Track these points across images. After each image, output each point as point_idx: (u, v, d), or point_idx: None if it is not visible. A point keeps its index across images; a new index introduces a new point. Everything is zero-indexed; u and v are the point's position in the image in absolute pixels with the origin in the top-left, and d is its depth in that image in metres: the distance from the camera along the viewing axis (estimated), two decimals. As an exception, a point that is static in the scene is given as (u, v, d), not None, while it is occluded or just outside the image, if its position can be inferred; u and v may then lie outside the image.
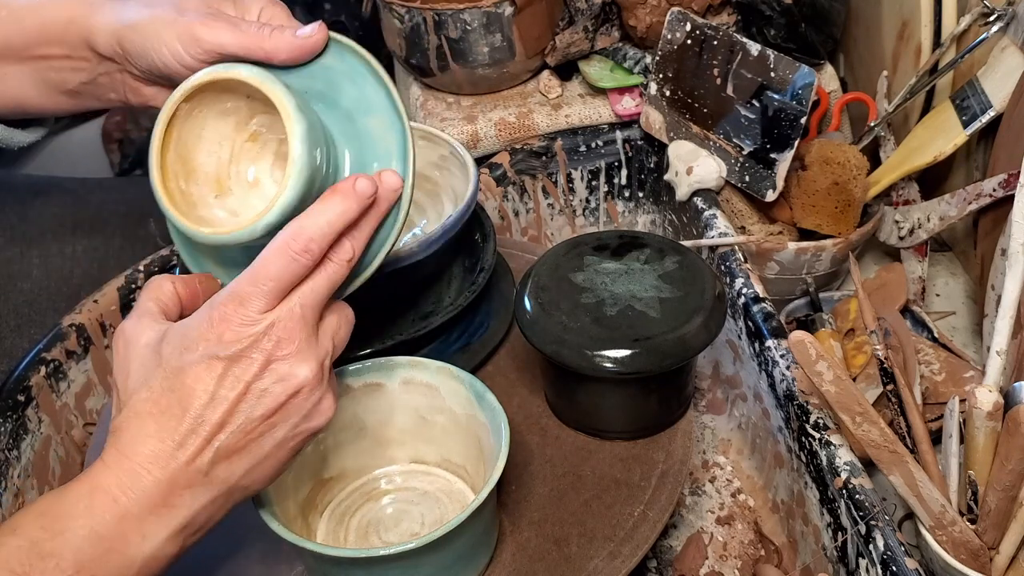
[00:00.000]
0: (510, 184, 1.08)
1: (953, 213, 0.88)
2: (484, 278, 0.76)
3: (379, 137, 0.59)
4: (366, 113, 0.60)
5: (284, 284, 0.52)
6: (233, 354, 0.51)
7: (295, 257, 0.52)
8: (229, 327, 0.51)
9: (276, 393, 0.52)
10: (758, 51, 0.91)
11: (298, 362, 0.52)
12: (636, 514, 0.65)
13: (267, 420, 0.52)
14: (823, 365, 0.62)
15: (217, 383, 0.51)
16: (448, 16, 1.02)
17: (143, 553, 0.50)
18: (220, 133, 0.60)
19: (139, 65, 0.62)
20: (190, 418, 0.50)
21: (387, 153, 0.59)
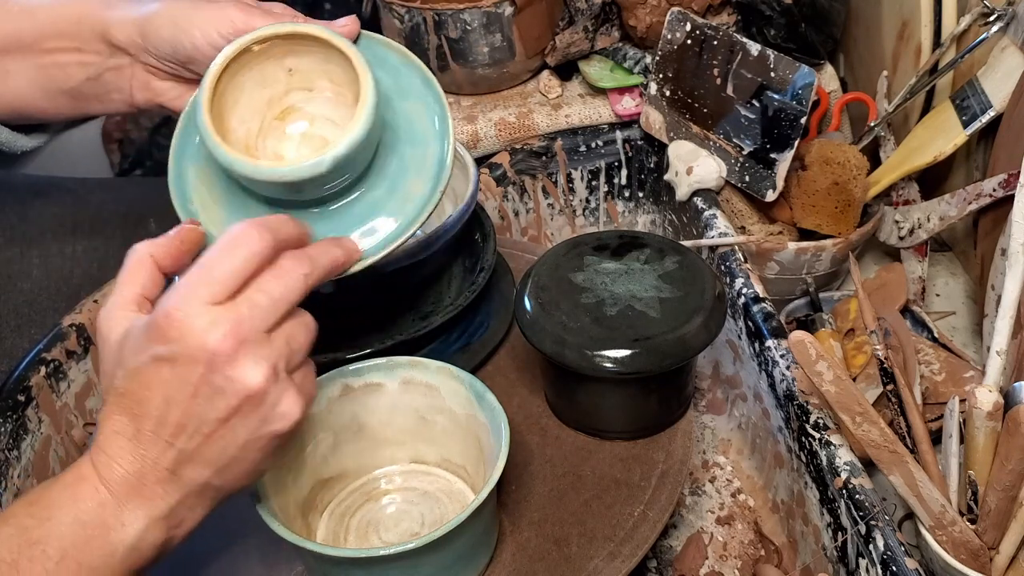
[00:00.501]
0: (510, 184, 1.08)
1: (953, 213, 0.88)
2: (484, 278, 0.76)
3: (418, 119, 0.62)
4: (403, 98, 0.62)
5: (232, 279, 0.50)
6: (177, 353, 0.49)
7: (246, 242, 0.50)
8: (171, 326, 0.49)
9: (227, 394, 0.50)
10: (758, 51, 0.91)
11: (247, 364, 0.50)
12: (636, 514, 0.65)
13: (225, 423, 0.50)
14: (823, 365, 0.62)
15: (167, 385, 0.49)
16: (448, 16, 1.02)
17: (125, 541, 0.50)
18: (254, 105, 0.60)
19: (161, 51, 0.63)
20: (149, 420, 0.50)
21: (426, 133, 0.62)
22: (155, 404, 0.49)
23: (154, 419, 0.50)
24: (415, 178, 0.61)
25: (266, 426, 0.51)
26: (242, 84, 0.59)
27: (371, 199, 0.61)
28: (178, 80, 0.67)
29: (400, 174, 0.62)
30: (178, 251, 0.55)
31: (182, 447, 0.50)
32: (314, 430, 0.65)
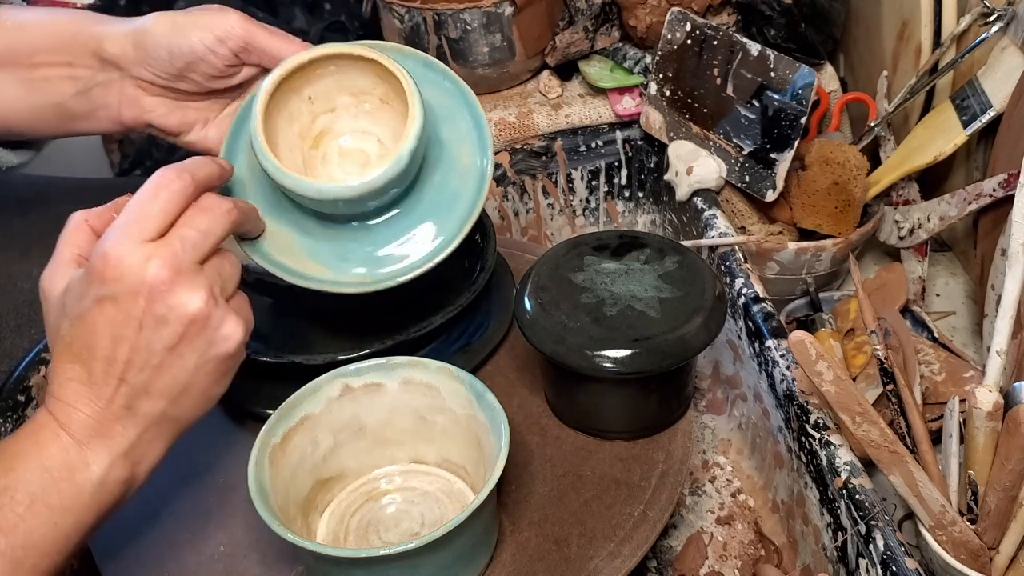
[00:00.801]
0: (510, 184, 1.08)
1: (953, 213, 0.88)
2: (484, 278, 0.76)
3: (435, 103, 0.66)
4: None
5: (160, 217, 0.53)
6: (118, 291, 0.51)
7: (167, 184, 0.53)
8: (108, 266, 0.52)
9: (171, 323, 0.52)
10: (758, 51, 0.91)
11: (185, 292, 0.52)
12: (636, 514, 0.65)
13: (172, 351, 0.53)
14: (823, 365, 0.62)
15: (112, 323, 0.52)
16: (448, 16, 1.02)
17: (91, 479, 0.52)
18: (289, 141, 0.64)
19: (157, 57, 0.63)
20: (99, 361, 0.52)
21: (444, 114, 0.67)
22: (103, 345, 0.52)
23: (103, 359, 0.52)
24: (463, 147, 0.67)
25: (212, 348, 0.54)
26: (276, 127, 0.63)
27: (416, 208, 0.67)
28: (168, 96, 0.67)
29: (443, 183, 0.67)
30: (110, 219, 0.57)
31: (134, 382, 0.52)
32: (314, 430, 0.65)
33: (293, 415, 0.63)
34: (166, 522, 0.67)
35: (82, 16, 0.66)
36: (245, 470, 0.59)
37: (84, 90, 0.66)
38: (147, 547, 0.65)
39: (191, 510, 0.68)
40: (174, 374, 0.53)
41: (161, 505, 0.68)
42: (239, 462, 0.61)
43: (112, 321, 0.52)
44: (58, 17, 0.66)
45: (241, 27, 0.63)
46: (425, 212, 0.67)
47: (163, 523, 0.67)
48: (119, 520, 0.66)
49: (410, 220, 0.67)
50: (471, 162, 0.68)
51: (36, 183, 0.93)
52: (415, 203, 0.67)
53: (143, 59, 0.63)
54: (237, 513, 0.67)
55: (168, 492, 0.69)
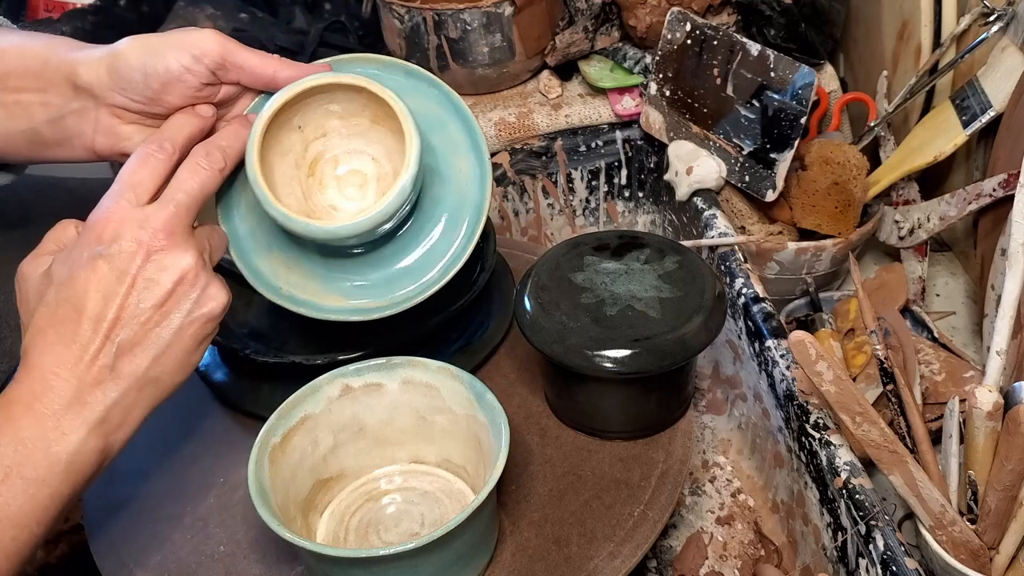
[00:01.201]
0: (510, 184, 1.08)
1: (953, 213, 0.88)
2: (484, 278, 0.76)
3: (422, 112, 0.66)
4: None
5: (150, 182, 0.56)
6: (114, 251, 0.54)
7: (152, 153, 0.57)
8: (107, 226, 0.54)
9: (162, 281, 0.54)
10: (758, 51, 0.91)
11: (178, 252, 0.55)
12: (636, 514, 0.65)
13: (159, 309, 0.55)
14: (823, 365, 0.62)
15: (104, 280, 0.53)
16: (448, 16, 1.02)
17: (67, 449, 0.52)
18: (286, 175, 0.65)
19: (132, 81, 0.62)
20: (87, 319, 0.53)
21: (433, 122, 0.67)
22: (93, 302, 0.53)
23: (92, 317, 0.53)
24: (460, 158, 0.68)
25: (198, 308, 0.56)
26: (271, 163, 0.64)
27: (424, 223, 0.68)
28: (144, 123, 0.65)
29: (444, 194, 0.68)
30: None
31: (121, 339, 0.54)
32: (314, 430, 0.65)
33: (293, 415, 0.63)
34: (166, 522, 0.67)
35: (57, 42, 0.65)
36: (245, 470, 0.59)
37: (57, 117, 0.65)
38: (147, 547, 0.65)
39: (191, 510, 0.68)
40: (159, 332, 0.55)
41: (161, 505, 0.68)
42: (239, 462, 0.61)
43: (105, 279, 0.53)
44: (33, 42, 0.66)
45: (217, 44, 0.62)
46: (432, 224, 0.68)
47: (163, 523, 0.67)
48: (119, 521, 0.67)
49: (419, 236, 0.68)
50: (468, 167, 0.68)
51: (36, 183, 0.93)
52: (421, 218, 0.68)
53: (117, 84, 0.62)
54: (237, 513, 0.67)
55: (168, 492, 0.69)
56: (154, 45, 0.62)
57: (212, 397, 0.76)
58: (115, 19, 1.40)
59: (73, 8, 1.37)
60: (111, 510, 0.68)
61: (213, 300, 0.57)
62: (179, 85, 0.62)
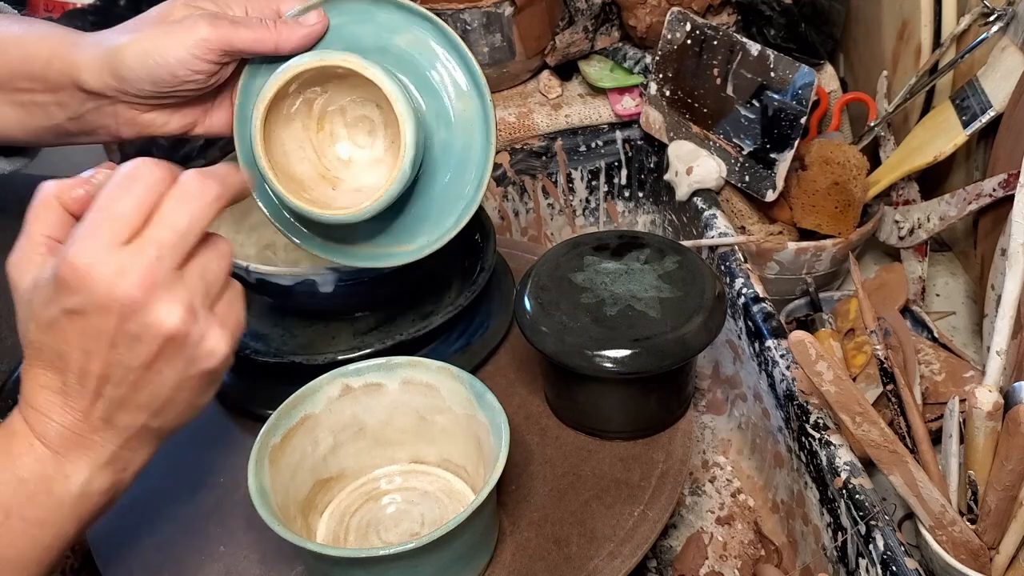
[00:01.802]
0: (510, 184, 1.08)
1: (953, 213, 0.88)
2: (484, 278, 0.76)
3: (415, 46, 0.65)
4: (392, 36, 0.65)
5: (134, 214, 0.47)
6: (87, 306, 0.46)
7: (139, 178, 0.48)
8: (76, 276, 0.46)
9: (147, 341, 0.47)
10: (758, 51, 0.91)
11: (161, 308, 0.47)
12: (636, 514, 0.65)
13: (149, 368, 0.48)
14: (823, 365, 0.62)
15: (83, 337, 0.47)
16: (448, 16, 1.02)
17: (71, 492, 0.49)
18: (295, 139, 0.65)
19: (140, 88, 0.62)
20: (72, 373, 0.48)
21: (429, 52, 0.65)
22: (74, 357, 0.48)
23: (76, 372, 0.48)
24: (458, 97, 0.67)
25: (194, 366, 0.49)
26: (275, 135, 0.63)
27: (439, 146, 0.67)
28: (163, 109, 0.65)
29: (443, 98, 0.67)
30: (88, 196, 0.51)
31: (111, 396, 0.49)
32: (314, 430, 0.65)
33: (293, 415, 0.63)
34: (166, 523, 0.67)
35: (56, 39, 0.64)
36: (245, 470, 0.59)
37: (76, 115, 0.64)
38: (147, 547, 0.65)
39: (191, 510, 0.68)
40: (153, 390, 0.49)
41: (161, 506, 0.68)
42: (239, 462, 0.61)
43: (83, 335, 0.47)
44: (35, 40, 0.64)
45: (214, 35, 0.61)
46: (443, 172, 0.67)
47: (163, 523, 0.67)
48: (119, 521, 0.67)
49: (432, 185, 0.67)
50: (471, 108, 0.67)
51: (36, 183, 0.93)
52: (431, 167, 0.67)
53: (124, 86, 0.62)
54: (237, 513, 0.67)
55: (168, 493, 0.69)
56: (153, 52, 0.61)
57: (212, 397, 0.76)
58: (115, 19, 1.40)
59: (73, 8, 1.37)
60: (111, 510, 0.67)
61: (211, 355, 0.49)
62: (189, 83, 0.62)
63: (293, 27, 0.63)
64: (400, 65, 0.65)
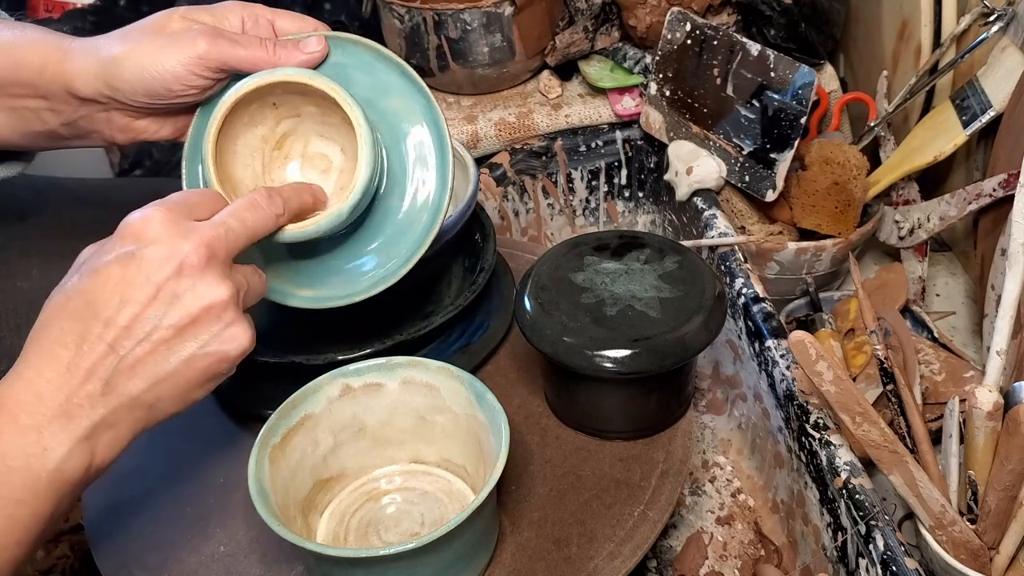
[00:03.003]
0: (510, 184, 1.08)
1: (953, 213, 0.88)
2: (484, 278, 0.76)
3: (402, 112, 0.64)
4: (384, 95, 0.64)
5: (210, 204, 0.54)
6: (148, 253, 0.49)
7: (201, 190, 0.56)
8: (147, 225, 0.50)
9: (187, 303, 0.50)
10: (758, 51, 0.91)
11: (214, 278, 0.51)
12: (636, 514, 0.65)
13: (177, 331, 0.50)
14: (823, 365, 0.62)
15: (126, 283, 0.49)
16: (448, 16, 1.02)
17: (47, 467, 0.48)
18: (250, 146, 0.63)
19: (134, 98, 0.62)
20: (97, 320, 0.49)
21: (413, 122, 0.65)
22: (108, 303, 0.49)
23: (103, 320, 0.49)
24: (419, 167, 0.65)
25: (215, 343, 0.51)
26: (235, 132, 0.62)
27: (383, 210, 0.65)
28: (156, 116, 0.66)
29: (404, 168, 0.65)
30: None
31: (123, 352, 0.49)
32: (314, 430, 0.65)
33: (293, 415, 0.63)
34: (166, 522, 0.67)
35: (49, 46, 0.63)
36: (245, 470, 0.59)
37: (69, 121, 0.65)
38: (147, 547, 0.65)
39: (191, 510, 0.68)
40: (166, 355, 0.50)
41: (161, 505, 0.68)
42: (239, 462, 0.61)
43: (127, 281, 0.49)
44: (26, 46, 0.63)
45: (212, 53, 0.61)
46: (374, 237, 0.66)
47: (163, 523, 0.67)
48: (119, 521, 0.67)
49: (352, 250, 0.66)
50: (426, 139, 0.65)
51: (35, 183, 0.93)
52: (363, 232, 0.66)
53: (118, 96, 0.62)
54: (237, 513, 0.67)
55: (168, 492, 0.69)
56: (148, 65, 0.60)
57: (212, 397, 0.76)
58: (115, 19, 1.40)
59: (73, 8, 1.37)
60: (111, 510, 0.68)
61: (235, 340, 0.52)
62: (182, 95, 0.62)
63: (291, 51, 0.62)
64: (380, 122, 0.65)
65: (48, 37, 0.64)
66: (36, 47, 0.63)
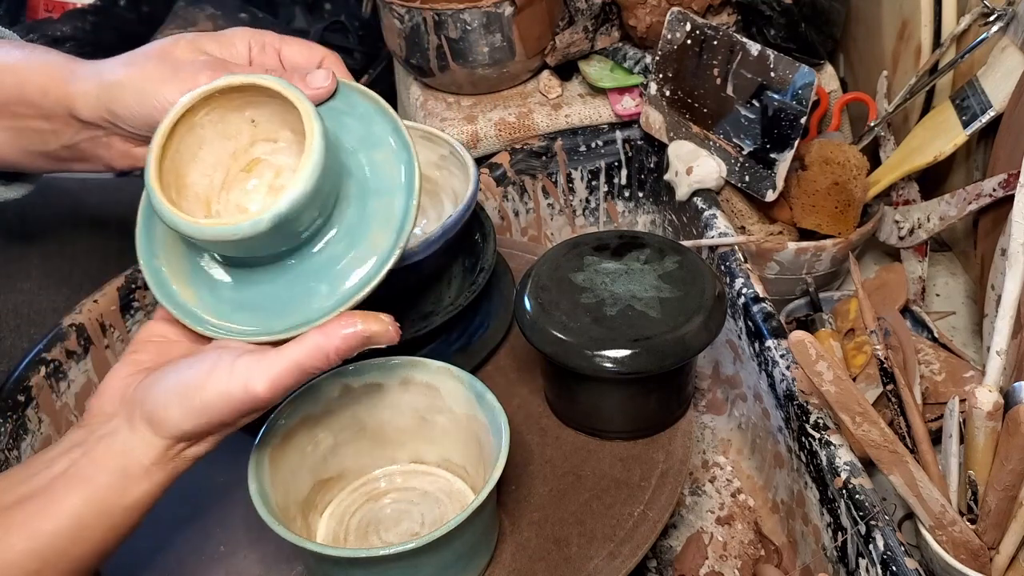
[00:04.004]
0: (510, 184, 1.08)
1: (953, 213, 0.88)
2: (484, 278, 0.76)
3: (384, 169, 0.59)
4: (371, 148, 0.60)
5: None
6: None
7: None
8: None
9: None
10: (758, 51, 0.91)
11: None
12: (636, 514, 0.65)
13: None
14: (823, 365, 0.62)
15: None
16: (448, 16, 1.02)
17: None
18: (217, 156, 0.59)
19: (133, 125, 0.61)
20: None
21: (391, 184, 0.59)
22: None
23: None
24: (379, 230, 0.58)
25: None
26: (202, 137, 0.58)
27: (330, 253, 0.58)
28: None
29: (362, 226, 0.58)
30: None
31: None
32: (314, 430, 0.65)
33: (293, 415, 0.63)
34: (166, 522, 0.67)
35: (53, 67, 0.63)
36: (245, 470, 0.59)
37: (70, 144, 0.65)
38: (147, 547, 0.65)
39: (191, 510, 0.68)
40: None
41: (161, 505, 0.68)
42: (239, 462, 0.61)
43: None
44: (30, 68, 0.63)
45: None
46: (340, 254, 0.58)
47: (163, 523, 0.67)
48: (119, 520, 0.67)
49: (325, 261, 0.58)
50: (398, 203, 0.59)
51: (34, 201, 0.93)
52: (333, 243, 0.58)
53: (119, 123, 0.61)
54: (237, 513, 0.67)
55: (168, 492, 0.69)
56: (149, 95, 0.59)
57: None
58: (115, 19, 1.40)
59: (73, 8, 1.37)
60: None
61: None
62: None
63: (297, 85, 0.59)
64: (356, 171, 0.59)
65: (54, 58, 0.64)
66: (42, 68, 0.63)
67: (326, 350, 0.54)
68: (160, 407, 0.53)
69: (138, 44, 0.65)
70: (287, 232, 0.55)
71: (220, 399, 0.53)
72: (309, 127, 0.54)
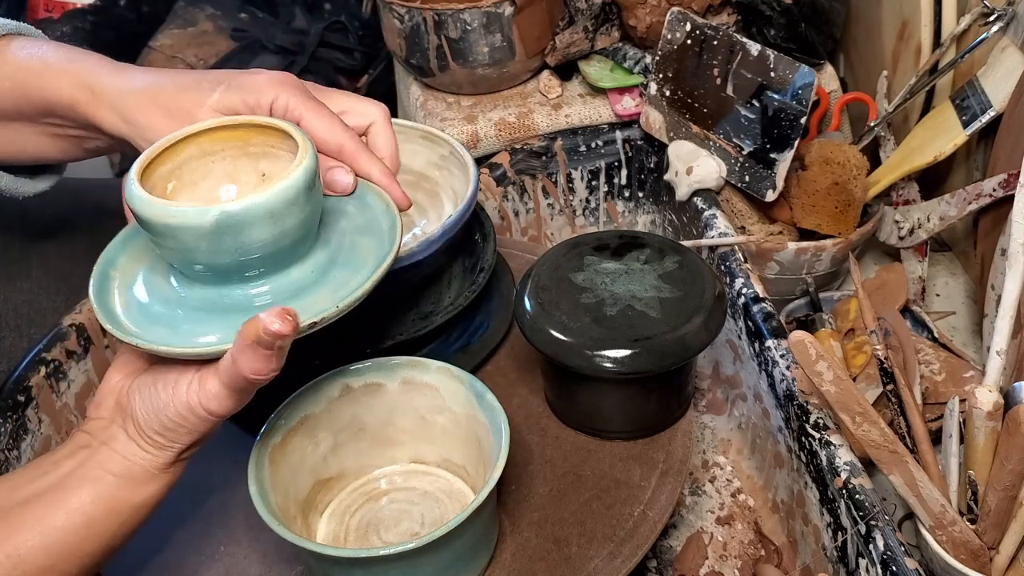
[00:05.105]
0: (510, 184, 1.08)
1: (953, 213, 0.88)
2: (484, 278, 0.76)
3: (361, 252, 0.59)
4: (362, 233, 0.60)
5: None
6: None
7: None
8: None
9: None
10: (758, 51, 0.91)
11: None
12: (636, 514, 0.65)
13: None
14: (823, 365, 0.62)
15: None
16: (448, 16, 1.02)
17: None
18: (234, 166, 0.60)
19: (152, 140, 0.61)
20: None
21: (361, 262, 0.58)
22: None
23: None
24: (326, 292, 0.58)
25: None
26: (210, 169, 0.59)
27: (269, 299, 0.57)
28: None
29: (309, 287, 0.58)
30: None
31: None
32: (314, 430, 0.65)
33: (293, 415, 0.63)
34: (166, 522, 0.67)
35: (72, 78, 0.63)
36: (245, 470, 0.59)
37: (107, 147, 0.68)
38: (147, 547, 0.65)
39: (191, 510, 0.68)
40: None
41: (162, 505, 0.68)
42: (239, 462, 0.61)
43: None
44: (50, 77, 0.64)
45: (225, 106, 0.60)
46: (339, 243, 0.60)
47: (163, 523, 0.67)
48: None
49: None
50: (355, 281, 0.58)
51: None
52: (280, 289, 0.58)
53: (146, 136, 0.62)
54: (237, 513, 0.67)
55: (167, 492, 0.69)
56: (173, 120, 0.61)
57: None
58: (115, 19, 1.40)
59: (73, 8, 1.37)
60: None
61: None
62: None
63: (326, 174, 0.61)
64: (339, 248, 0.59)
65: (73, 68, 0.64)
66: (64, 80, 0.64)
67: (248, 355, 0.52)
68: (144, 426, 0.55)
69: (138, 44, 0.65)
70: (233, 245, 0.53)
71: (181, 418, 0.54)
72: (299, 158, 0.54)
